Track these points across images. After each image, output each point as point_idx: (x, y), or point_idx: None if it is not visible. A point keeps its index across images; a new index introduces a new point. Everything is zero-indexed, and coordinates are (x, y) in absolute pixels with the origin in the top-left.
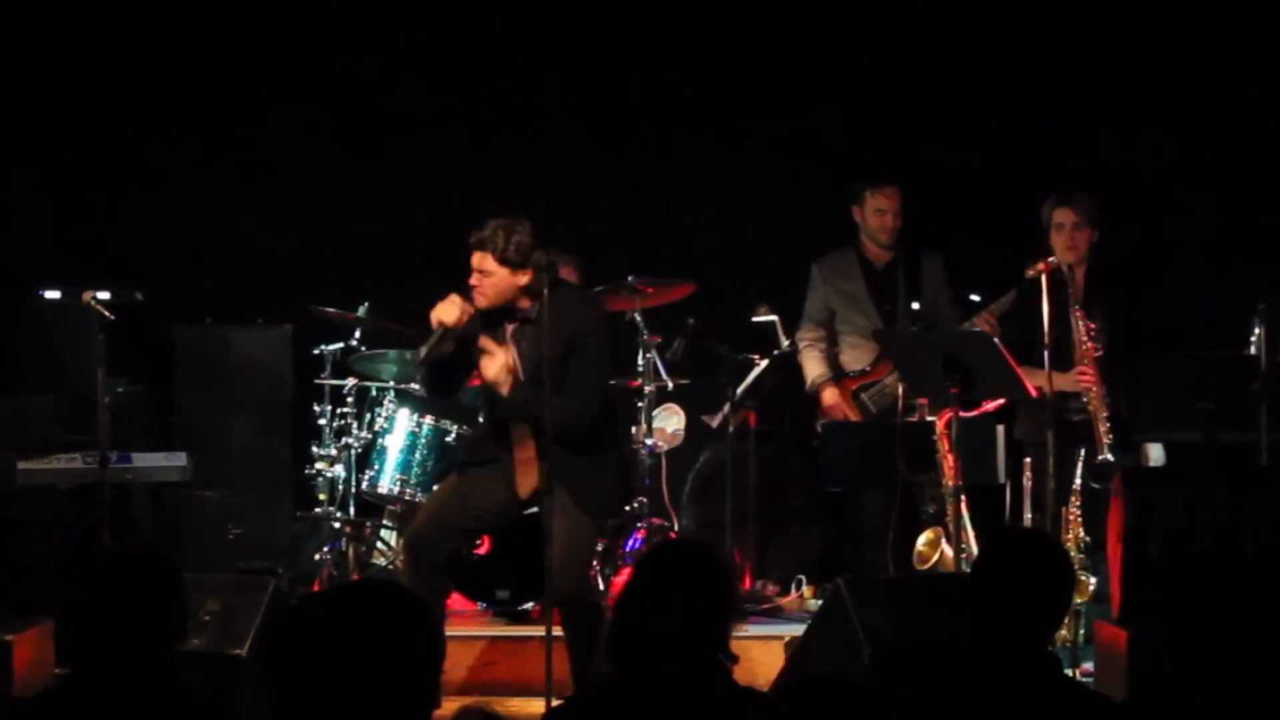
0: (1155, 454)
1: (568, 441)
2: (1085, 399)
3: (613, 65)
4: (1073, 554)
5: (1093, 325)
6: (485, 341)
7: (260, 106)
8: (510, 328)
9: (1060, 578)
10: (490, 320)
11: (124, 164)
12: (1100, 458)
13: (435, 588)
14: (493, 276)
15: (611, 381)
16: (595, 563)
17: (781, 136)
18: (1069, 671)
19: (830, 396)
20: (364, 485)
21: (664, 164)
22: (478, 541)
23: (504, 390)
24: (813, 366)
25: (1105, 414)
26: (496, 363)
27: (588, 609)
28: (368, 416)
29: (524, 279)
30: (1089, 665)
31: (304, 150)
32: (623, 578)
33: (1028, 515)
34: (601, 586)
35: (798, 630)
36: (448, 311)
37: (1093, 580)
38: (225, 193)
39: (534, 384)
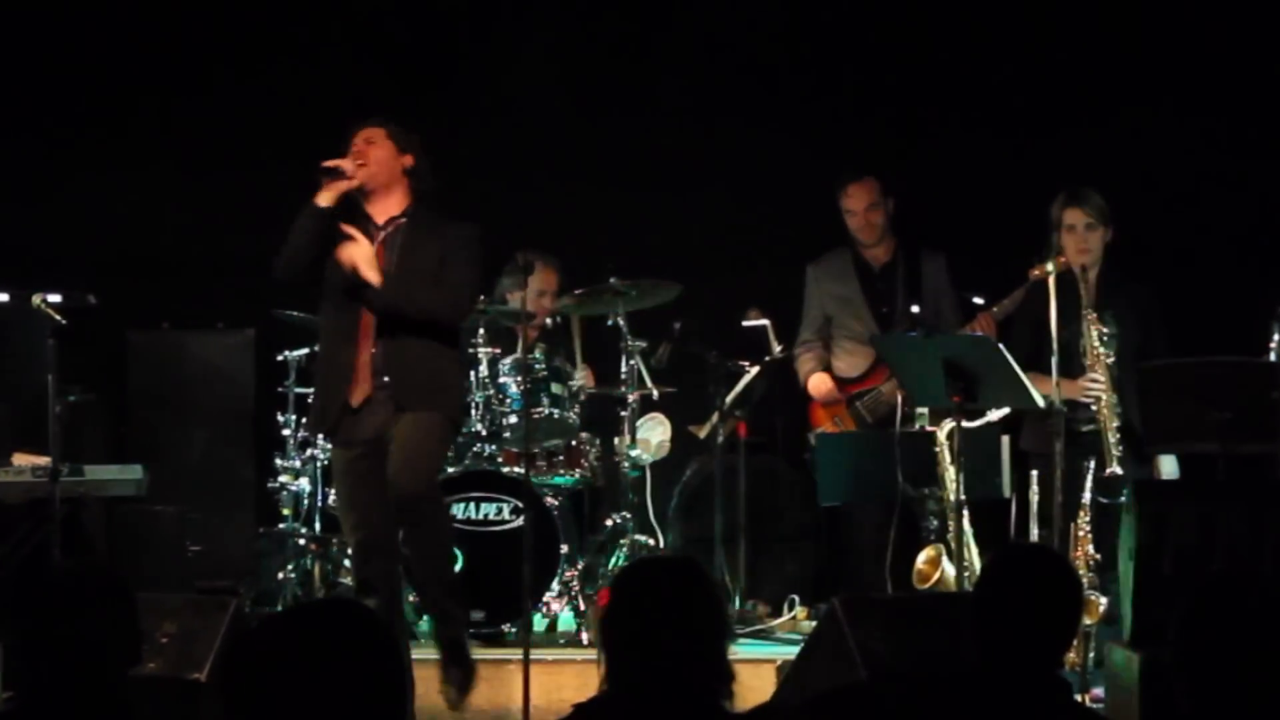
0: (1168, 467)
1: (413, 360)
2: (1094, 408)
3: (594, 51)
4: (1082, 572)
5: (1105, 331)
6: (348, 228)
7: (220, 96)
8: (379, 235)
9: (1068, 596)
10: (358, 217)
11: (75, 157)
12: (1109, 470)
13: (395, 571)
14: (379, 149)
15: (579, 382)
16: (568, 575)
17: (773, 129)
18: (1078, 697)
19: (819, 381)
20: (330, 499)
21: (648, 158)
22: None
23: (374, 278)
24: (805, 365)
25: (1115, 424)
26: (363, 249)
27: (435, 513)
28: None
29: (407, 162)
30: (1099, 690)
31: (267, 143)
32: (604, 597)
33: (1034, 531)
34: (582, 606)
35: (790, 653)
36: (346, 164)
37: (1103, 600)
38: (183, 188)
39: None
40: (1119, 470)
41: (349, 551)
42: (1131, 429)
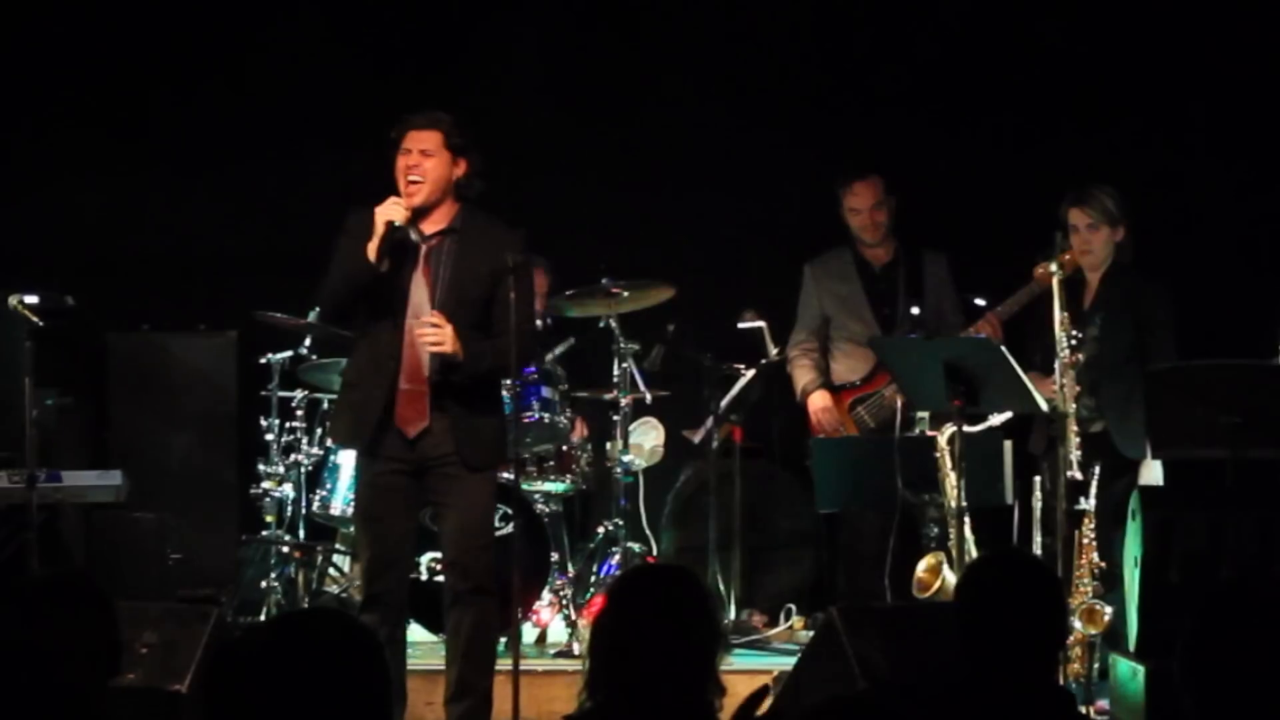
0: (1153, 473)
1: (462, 392)
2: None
3: (585, 46)
4: (1086, 582)
5: (1075, 333)
6: (431, 317)
7: (201, 93)
8: (424, 248)
9: (1046, 601)
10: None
11: (53, 155)
12: (1069, 474)
13: (404, 588)
14: (434, 159)
15: (562, 387)
16: (558, 584)
17: (769, 124)
18: (1082, 709)
19: (819, 401)
20: (315, 506)
21: (641, 155)
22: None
23: (460, 355)
24: (802, 374)
25: (1074, 429)
26: (445, 333)
27: (491, 599)
28: (319, 431)
29: (460, 172)
30: (1104, 703)
31: (250, 141)
32: (595, 606)
33: (1037, 538)
34: (573, 616)
35: (787, 664)
36: (394, 210)
37: (1108, 610)
38: (164, 187)
39: (473, 332)
40: (1079, 475)
41: (341, 562)
42: (1107, 436)
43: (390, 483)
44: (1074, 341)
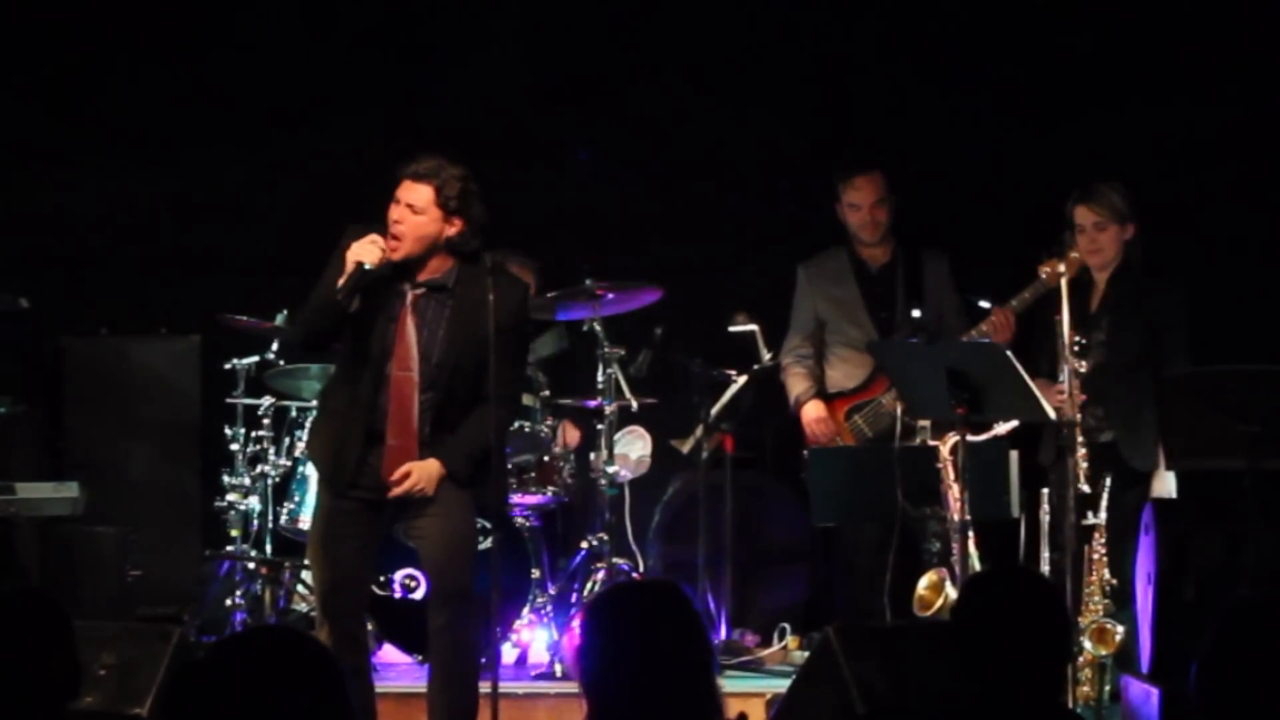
0: (1166, 484)
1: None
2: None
3: (568, 32)
4: (1097, 599)
5: (1079, 339)
6: (409, 469)
7: (162, 84)
8: (411, 294)
9: (1048, 619)
10: (387, 279)
11: (3, 147)
12: (1077, 486)
13: (360, 644)
14: (421, 217)
15: (543, 394)
16: (539, 601)
17: (762, 117)
18: None
19: (813, 412)
20: (283, 520)
21: (627, 149)
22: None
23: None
24: (796, 383)
25: (1081, 440)
26: (418, 480)
27: (472, 611)
28: (287, 441)
29: (453, 230)
30: None
31: (213, 134)
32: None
33: (1045, 554)
34: (555, 636)
35: (780, 686)
36: (368, 251)
37: (1119, 629)
38: (123, 181)
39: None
40: (1086, 488)
41: (300, 576)
42: (1115, 446)
43: (350, 508)
44: (1077, 347)
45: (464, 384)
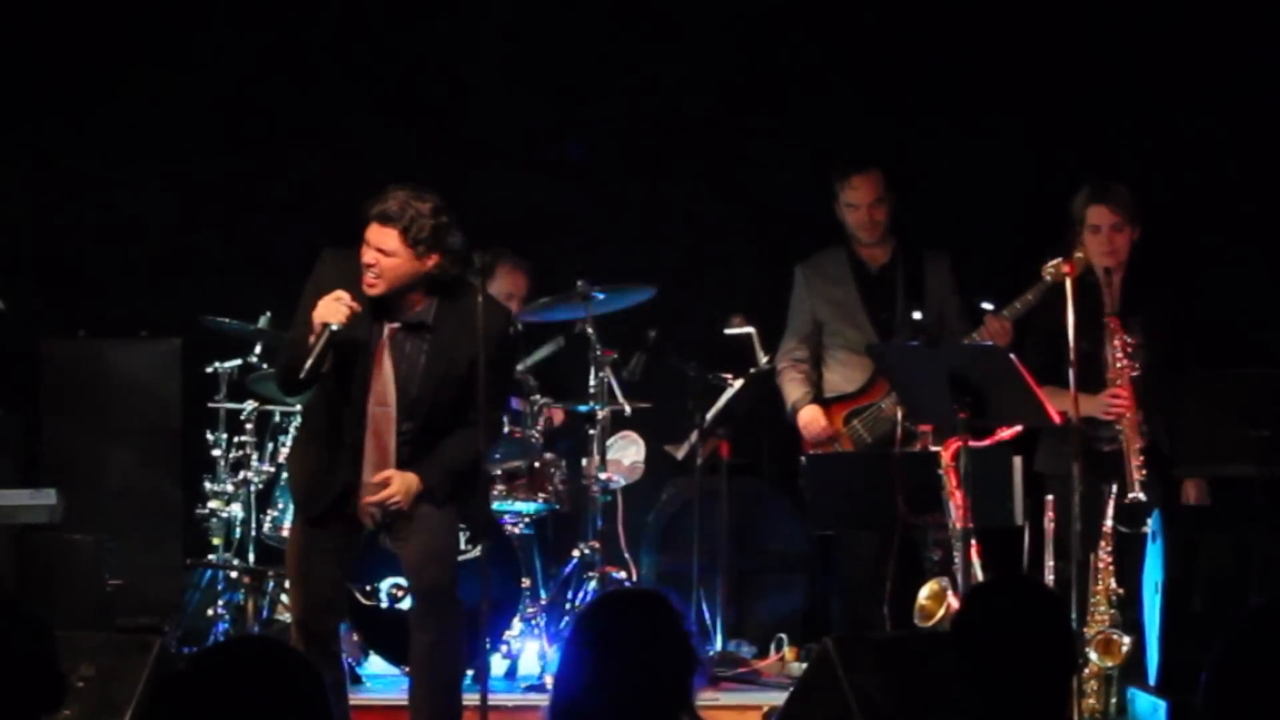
0: (1197, 492)
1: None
2: (1118, 427)
3: (559, 28)
4: (1103, 609)
5: (1130, 340)
6: (384, 477)
7: (141, 84)
8: (388, 329)
9: (1050, 629)
10: (365, 317)
11: None
12: (1131, 496)
13: (336, 658)
14: (394, 259)
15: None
16: (530, 611)
17: (758, 114)
18: None
19: (810, 416)
20: (266, 528)
21: (619, 147)
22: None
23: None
24: (792, 388)
25: (1139, 445)
26: (395, 490)
27: (455, 612)
28: (270, 446)
29: (429, 265)
30: None
31: (197, 130)
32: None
33: (1049, 563)
34: (545, 646)
35: (778, 699)
36: (334, 311)
37: (1126, 640)
38: (102, 180)
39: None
40: (1142, 496)
41: (284, 585)
42: (1158, 450)
43: (325, 536)
44: (1130, 349)
45: (442, 416)
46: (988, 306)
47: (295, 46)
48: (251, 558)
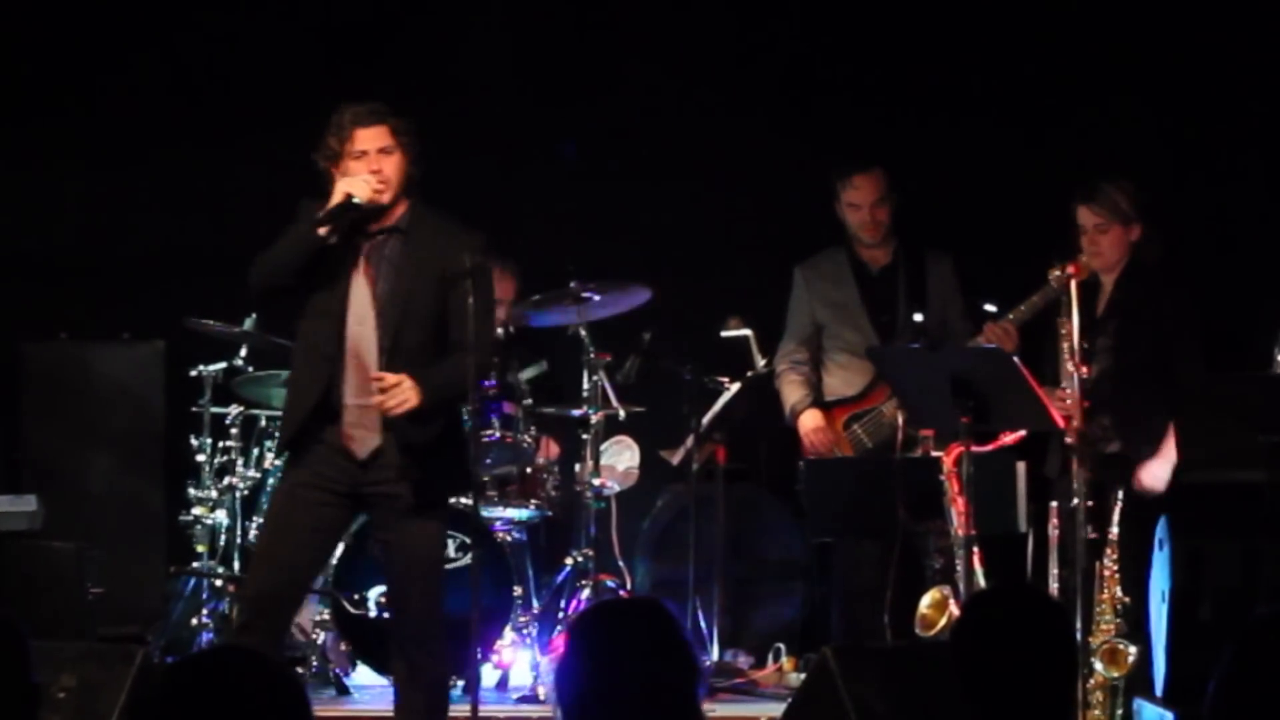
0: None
1: (419, 410)
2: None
3: (552, 23)
4: (1108, 618)
5: (1084, 343)
6: (381, 377)
7: (124, 79)
8: (365, 246)
9: (1052, 638)
10: (344, 233)
11: None
12: (1074, 502)
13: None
14: (393, 156)
15: (526, 403)
16: (522, 620)
17: (756, 112)
18: None
19: (810, 421)
20: (251, 534)
21: (613, 145)
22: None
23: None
24: (792, 391)
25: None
26: (403, 390)
27: (441, 649)
28: (256, 451)
29: (414, 172)
30: None
31: (177, 131)
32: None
33: (1053, 570)
34: (538, 657)
35: (776, 710)
36: (361, 186)
37: (1132, 650)
38: (83, 179)
39: (423, 348)
40: (1089, 502)
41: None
42: (1120, 457)
43: (314, 498)
44: (1081, 352)
45: (415, 336)
46: (990, 309)
47: (282, 46)
48: (236, 565)
